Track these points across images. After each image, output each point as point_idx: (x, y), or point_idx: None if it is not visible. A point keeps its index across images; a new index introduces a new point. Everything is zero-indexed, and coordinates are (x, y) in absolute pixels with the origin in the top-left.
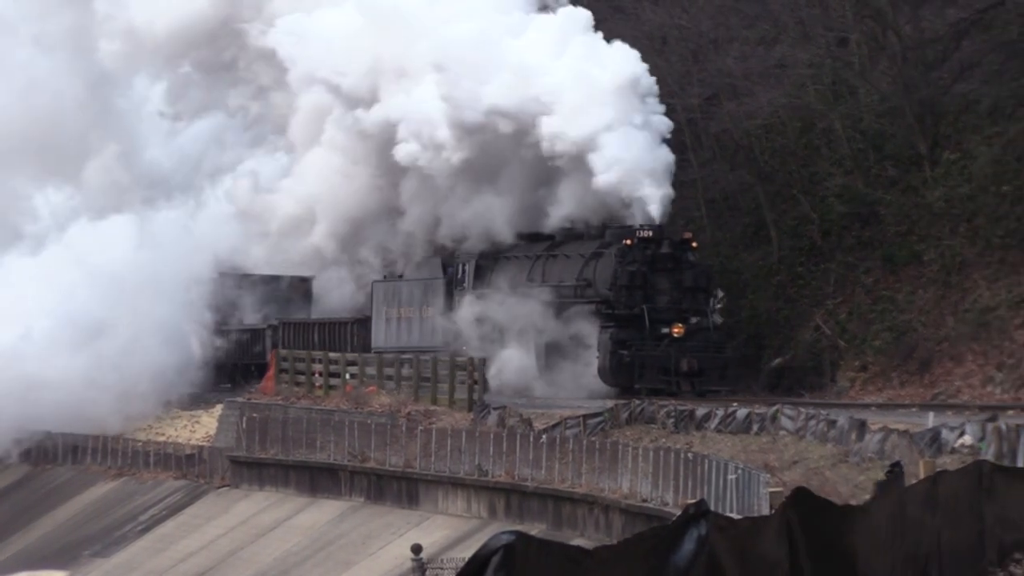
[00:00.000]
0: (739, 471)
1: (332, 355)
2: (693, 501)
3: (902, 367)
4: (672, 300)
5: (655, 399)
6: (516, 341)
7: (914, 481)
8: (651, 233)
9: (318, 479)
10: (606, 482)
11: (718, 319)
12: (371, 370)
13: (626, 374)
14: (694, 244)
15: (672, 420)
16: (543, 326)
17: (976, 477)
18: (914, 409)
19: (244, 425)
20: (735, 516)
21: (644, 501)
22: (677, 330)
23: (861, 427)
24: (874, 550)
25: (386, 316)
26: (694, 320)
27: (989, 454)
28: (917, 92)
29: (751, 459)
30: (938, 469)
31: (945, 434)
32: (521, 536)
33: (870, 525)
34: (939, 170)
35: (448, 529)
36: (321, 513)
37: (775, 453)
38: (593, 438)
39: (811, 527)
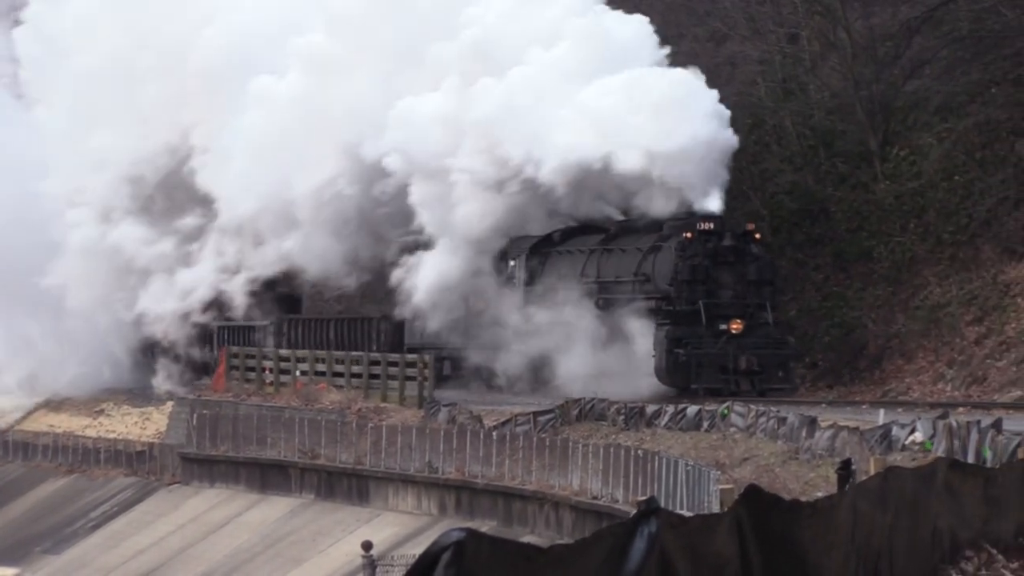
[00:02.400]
0: (689, 468)
1: (282, 352)
2: (644, 498)
3: (852, 364)
4: (735, 295)
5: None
6: (568, 338)
7: (864, 478)
8: (712, 225)
9: (268, 476)
10: (556, 479)
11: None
12: (321, 367)
13: (682, 373)
14: (757, 236)
15: (622, 417)
16: (597, 323)
17: (930, 474)
18: (865, 406)
19: (195, 422)
20: (686, 513)
21: (594, 498)
22: (736, 326)
23: (811, 424)
24: (825, 547)
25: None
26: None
27: (940, 451)
28: (867, 89)
29: (701, 456)
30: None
31: (896, 431)
32: (471, 533)
33: (821, 522)
34: (889, 166)
35: (398, 526)
36: (271, 510)
37: (725, 450)
38: (543, 435)
39: (762, 524)
